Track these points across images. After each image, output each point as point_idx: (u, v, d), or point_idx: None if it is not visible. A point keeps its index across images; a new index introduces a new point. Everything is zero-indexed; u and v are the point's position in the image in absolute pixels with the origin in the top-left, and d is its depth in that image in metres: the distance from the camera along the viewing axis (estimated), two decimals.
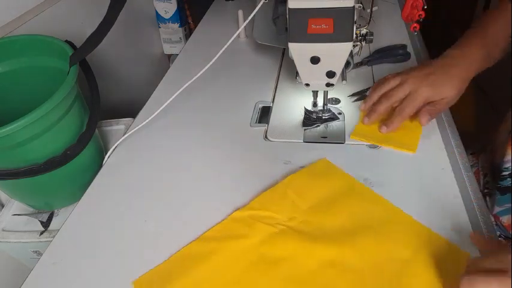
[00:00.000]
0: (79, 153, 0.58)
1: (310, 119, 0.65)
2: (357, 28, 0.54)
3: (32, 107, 0.49)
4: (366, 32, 0.57)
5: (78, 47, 0.59)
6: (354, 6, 0.48)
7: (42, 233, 0.62)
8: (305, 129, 0.63)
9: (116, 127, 0.76)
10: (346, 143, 0.60)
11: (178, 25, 1.20)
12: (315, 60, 0.53)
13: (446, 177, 0.53)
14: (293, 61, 0.55)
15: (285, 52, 0.84)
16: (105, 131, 0.75)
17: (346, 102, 0.68)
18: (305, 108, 0.67)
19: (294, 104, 0.69)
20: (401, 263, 0.43)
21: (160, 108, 0.64)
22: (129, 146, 0.65)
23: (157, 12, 1.19)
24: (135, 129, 0.65)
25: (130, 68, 1.11)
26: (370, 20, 0.57)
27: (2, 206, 0.68)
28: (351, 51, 0.54)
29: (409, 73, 0.59)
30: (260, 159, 0.59)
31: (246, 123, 0.66)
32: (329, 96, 0.67)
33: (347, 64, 0.57)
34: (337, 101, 0.68)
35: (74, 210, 0.55)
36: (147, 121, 0.64)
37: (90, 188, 0.58)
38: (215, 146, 0.62)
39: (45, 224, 0.63)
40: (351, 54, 0.57)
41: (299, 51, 0.53)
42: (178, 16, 1.19)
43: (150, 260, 0.46)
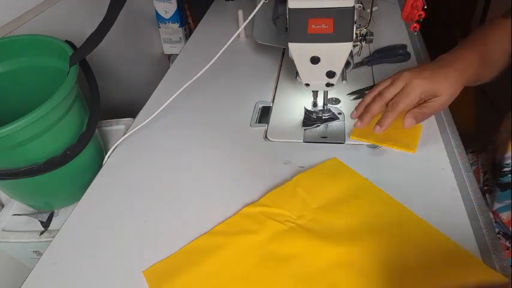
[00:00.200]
0: (79, 153, 0.58)
1: (310, 119, 0.65)
2: (357, 28, 0.54)
3: (32, 107, 0.49)
4: (366, 32, 0.57)
5: (78, 47, 0.59)
6: (354, 6, 0.48)
7: (42, 233, 0.62)
8: (305, 129, 0.63)
9: (116, 127, 0.76)
10: (346, 143, 0.60)
11: (178, 25, 1.20)
12: (315, 60, 0.53)
13: (446, 177, 0.53)
14: (293, 61, 0.55)
15: (285, 52, 0.84)
16: (105, 131, 0.75)
17: (346, 102, 0.68)
18: (305, 108, 0.67)
19: (294, 104, 0.69)
20: (410, 265, 0.43)
21: (160, 108, 0.64)
22: (129, 146, 0.65)
23: (157, 12, 1.19)
24: (135, 129, 0.65)
25: (130, 68, 1.11)
26: (370, 20, 0.57)
27: (2, 206, 0.68)
28: (351, 51, 0.54)
29: (402, 72, 0.56)
30: (260, 159, 0.59)
31: (246, 123, 0.66)
32: (329, 96, 0.67)
33: (347, 64, 0.57)
34: (337, 101, 0.68)
35: (74, 210, 0.55)
36: (147, 121, 0.64)
37: (90, 188, 0.58)
38: (215, 146, 0.62)
39: (45, 224, 0.63)
40: (351, 54, 0.57)
41: (299, 51, 0.53)
42: (178, 16, 1.19)
43: (150, 260, 0.46)
